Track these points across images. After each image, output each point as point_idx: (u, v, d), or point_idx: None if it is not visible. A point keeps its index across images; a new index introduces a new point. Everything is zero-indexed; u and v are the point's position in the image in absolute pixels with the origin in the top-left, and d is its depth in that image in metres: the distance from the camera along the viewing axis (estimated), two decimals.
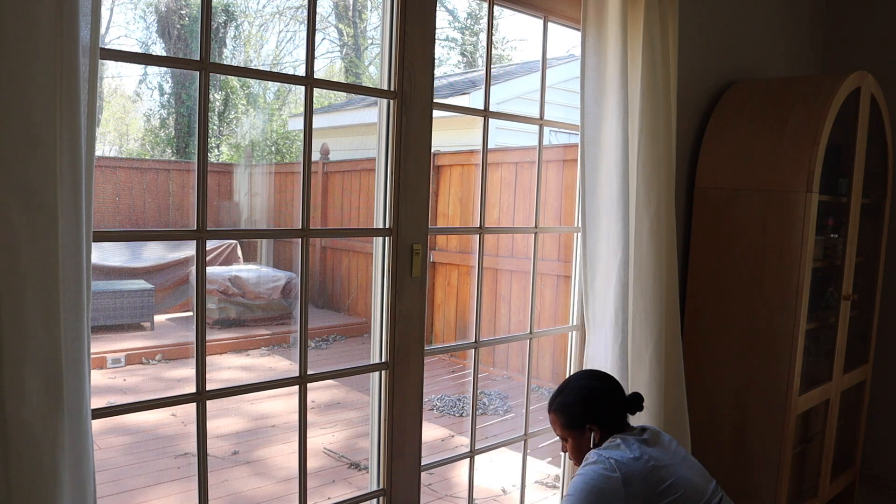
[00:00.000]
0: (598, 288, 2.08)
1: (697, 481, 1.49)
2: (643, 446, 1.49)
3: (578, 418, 1.61)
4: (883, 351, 3.01)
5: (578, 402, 1.63)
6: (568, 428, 1.62)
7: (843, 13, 3.17)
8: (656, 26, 2.03)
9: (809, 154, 2.25)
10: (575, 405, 1.63)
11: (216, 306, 6.45)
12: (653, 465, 1.44)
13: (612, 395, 1.63)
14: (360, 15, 15.24)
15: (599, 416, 1.60)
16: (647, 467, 1.43)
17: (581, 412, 1.61)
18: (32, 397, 1.03)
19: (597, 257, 2.07)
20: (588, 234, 2.07)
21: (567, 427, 1.62)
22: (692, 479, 1.48)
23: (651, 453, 1.47)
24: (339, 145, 8.09)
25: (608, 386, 1.66)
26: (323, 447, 3.91)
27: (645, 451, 1.47)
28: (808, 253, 2.26)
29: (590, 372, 1.74)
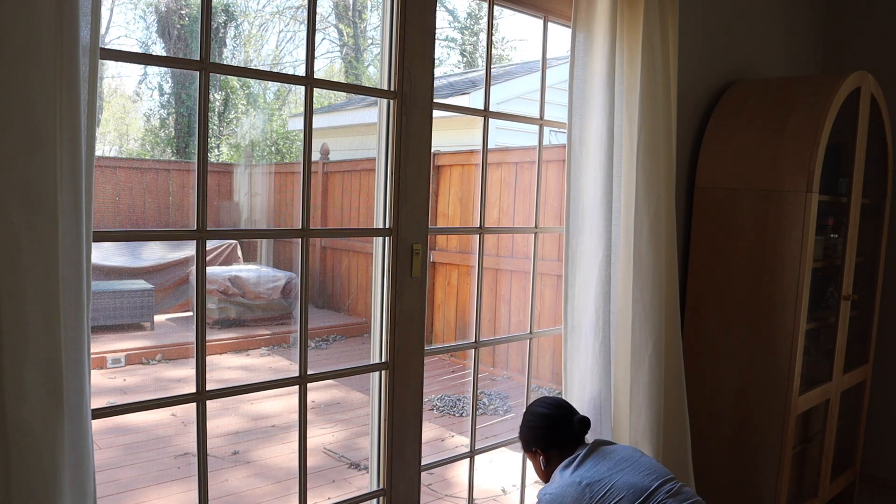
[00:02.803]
0: (579, 287, 2.07)
1: (637, 480, 1.59)
2: (577, 469, 1.65)
3: (527, 443, 1.81)
4: (883, 351, 3.01)
5: (527, 427, 1.82)
6: (524, 450, 1.85)
7: (843, 13, 3.17)
8: (656, 26, 2.03)
9: (809, 154, 2.25)
10: (523, 430, 1.83)
11: (216, 306, 6.45)
12: (585, 484, 1.59)
13: (553, 421, 1.78)
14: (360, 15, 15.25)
15: (541, 441, 1.78)
16: (579, 489, 1.58)
17: (529, 437, 1.81)
18: (32, 397, 1.03)
19: (579, 256, 2.07)
20: (571, 233, 2.07)
21: (524, 449, 1.84)
22: (630, 481, 1.58)
23: (584, 474, 1.62)
24: (339, 145, 8.09)
25: (551, 413, 1.80)
26: (323, 447, 3.91)
27: (577, 474, 1.63)
28: (808, 253, 2.26)
29: (540, 400, 1.88)
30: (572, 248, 2.07)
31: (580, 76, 1.99)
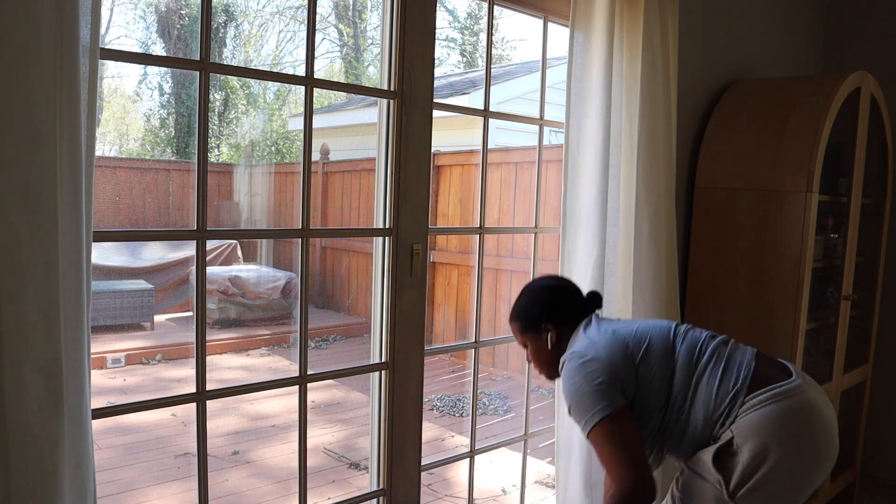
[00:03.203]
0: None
1: (656, 322, 1.54)
2: (595, 324, 1.54)
3: (534, 319, 1.60)
4: (883, 351, 3.01)
5: (533, 302, 1.63)
6: (525, 331, 1.61)
7: (843, 13, 3.17)
8: (656, 26, 2.03)
9: (809, 154, 2.25)
10: (530, 306, 1.62)
11: (216, 306, 6.45)
12: (612, 330, 1.49)
13: (565, 293, 1.62)
14: (360, 15, 15.24)
15: (554, 315, 1.59)
16: (612, 336, 1.47)
17: (536, 312, 1.60)
18: (32, 397, 1.03)
19: (574, 257, 2.07)
20: (567, 233, 2.07)
21: (524, 331, 1.61)
22: (651, 323, 1.53)
23: (604, 324, 1.54)
24: (339, 145, 8.09)
25: (562, 285, 1.65)
26: (323, 447, 3.91)
27: (600, 325, 1.53)
28: (808, 253, 2.26)
29: (545, 275, 1.74)
30: (568, 249, 2.07)
31: (578, 76, 1.99)
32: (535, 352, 1.61)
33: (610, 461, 1.33)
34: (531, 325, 1.59)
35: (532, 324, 1.60)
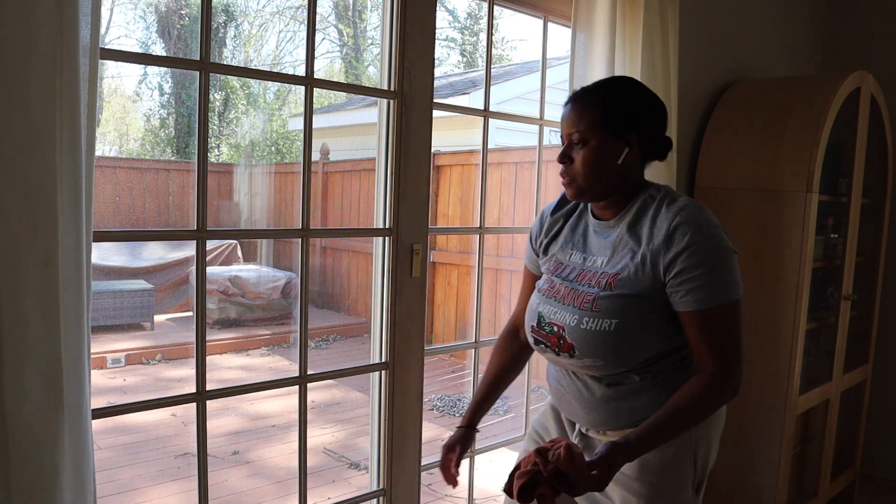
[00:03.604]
0: None
1: None
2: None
3: (625, 119, 1.21)
4: (883, 351, 3.01)
5: (633, 100, 1.24)
6: (600, 126, 1.20)
7: (843, 13, 3.17)
8: (656, 26, 2.03)
9: (809, 154, 2.25)
10: (627, 101, 1.23)
11: (216, 306, 6.45)
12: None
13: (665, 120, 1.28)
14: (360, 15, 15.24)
15: (649, 131, 1.24)
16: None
17: (631, 113, 1.22)
18: (32, 397, 1.03)
19: None
20: None
21: (599, 124, 1.20)
22: None
23: None
24: (339, 145, 8.09)
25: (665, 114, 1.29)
26: (323, 447, 3.91)
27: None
28: (808, 253, 2.26)
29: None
30: None
31: (580, 76, 1.99)
32: (593, 155, 1.20)
33: (735, 342, 1.21)
34: (614, 124, 1.20)
35: (617, 123, 1.20)
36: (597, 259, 1.26)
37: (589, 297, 1.21)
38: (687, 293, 1.15)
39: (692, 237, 1.14)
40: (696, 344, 1.19)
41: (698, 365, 1.19)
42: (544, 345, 1.28)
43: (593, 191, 1.23)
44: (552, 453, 1.04)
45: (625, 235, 1.23)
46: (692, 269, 1.13)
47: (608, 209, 1.27)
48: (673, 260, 1.14)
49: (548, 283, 1.32)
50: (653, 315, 1.18)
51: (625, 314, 1.17)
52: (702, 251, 1.14)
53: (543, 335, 1.28)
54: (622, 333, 1.17)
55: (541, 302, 1.30)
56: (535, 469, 1.04)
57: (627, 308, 1.17)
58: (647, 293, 1.17)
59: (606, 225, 1.27)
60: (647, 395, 1.24)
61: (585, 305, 1.21)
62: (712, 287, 1.15)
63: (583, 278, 1.25)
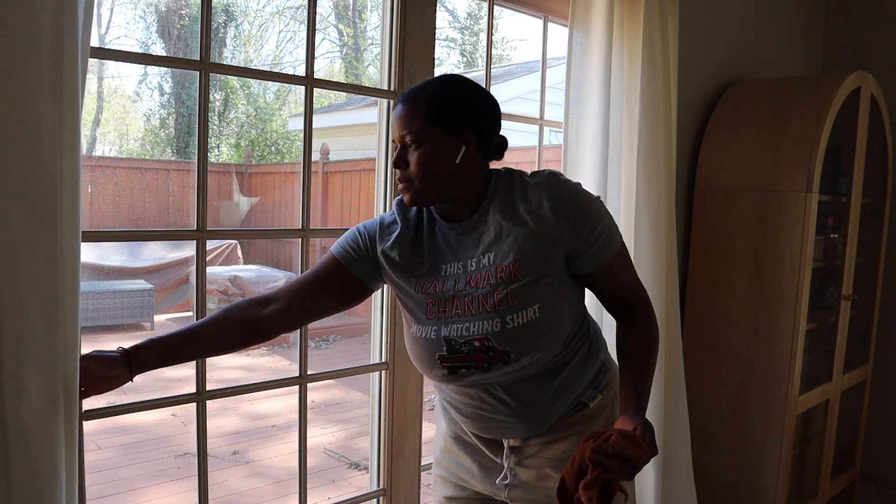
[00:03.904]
0: None
1: None
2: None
3: (458, 118, 1.15)
4: (883, 351, 3.01)
5: (462, 97, 1.17)
6: (432, 125, 1.14)
7: (843, 13, 3.17)
8: (656, 26, 2.03)
9: (809, 154, 2.25)
10: (457, 99, 1.17)
11: (216, 306, 6.45)
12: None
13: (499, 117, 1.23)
14: (360, 15, 15.24)
15: (483, 128, 1.19)
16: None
17: (464, 111, 1.16)
18: (32, 397, 1.03)
19: None
20: None
21: (431, 123, 1.14)
22: None
23: None
24: (339, 145, 8.09)
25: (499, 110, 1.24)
26: (323, 447, 3.91)
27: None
28: (808, 253, 2.26)
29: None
30: None
31: (577, 76, 1.99)
32: (428, 156, 1.13)
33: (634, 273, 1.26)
34: (447, 122, 1.14)
35: (450, 120, 1.15)
36: (480, 258, 1.18)
37: (500, 295, 1.14)
38: (597, 252, 1.17)
39: (577, 204, 1.16)
40: (614, 291, 1.24)
41: (621, 308, 1.25)
42: (465, 367, 1.16)
43: (432, 194, 1.16)
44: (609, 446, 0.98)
45: (503, 224, 1.17)
46: (591, 230, 1.16)
47: (464, 209, 1.20)
48: (574, 229, 1.15)
49: (435, 305, 1.19)
50: (563, 287, 1.18)
51: (542, 296, 1.14)
52: (589, 211, 1.17)
53: (462, 358, 1.16)
54: (547, 315, 1.15)
55: (439, 327, 1.17)
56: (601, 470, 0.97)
57: (542, 289, 1.14)
58: (552, 269, 1.16)
59: (469, 224, 1.20)
60: (577, 373, 1.24)
61: (501, 305, 1.14)
62: (610, 237, 1.19)
63: (478, 282, 1.17)
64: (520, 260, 1.14)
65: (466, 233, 1.20)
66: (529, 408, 1.22)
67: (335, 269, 1.27)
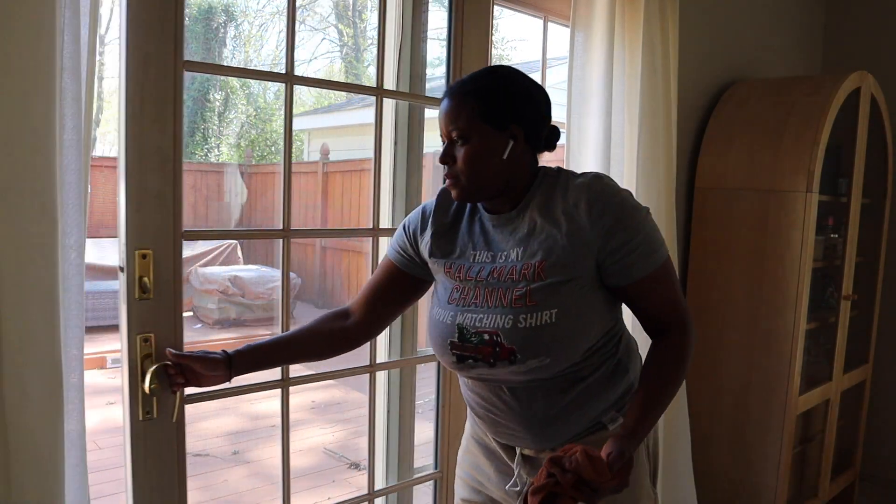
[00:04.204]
0: None
1: None
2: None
3: (505, 112, 1.13)
4: (883, 351, 3.01)
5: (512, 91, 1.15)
6: (481, 121, 1.12)
7: (843, 13, 3.17)
8: (656, 26, 2.03)
9: (809, 154, 2.25)
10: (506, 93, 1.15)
11: (216, 306, 6.45)
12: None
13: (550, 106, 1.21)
14: (360, 15, 15.23)
15: (531, 123, 1.16)
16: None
17: (512, 105, 1.14)
18: (32, 397, 1.03)
19: None
20: None
21: (480, 119, 1.12)
22: None
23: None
24: (339, 145, 8.09)
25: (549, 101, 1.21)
26: (323, 447, 3.91)
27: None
28: (808, 253, 2.27)
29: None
30: None
31: (579, 76, 1.99)
32: (476, 153, 1.13)
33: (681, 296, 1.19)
34: (494, 117, 1.13)
35: (497, 115, 1.13)
36: (510, 253, 1.15)
37: (519, 292, 1.11)
38: (631, 264, 1.11)
39: (616, 208, 1.10)
40: (646, 310, 1.17)
41: (654, 328, 1.18)
42: (473, 359, 1.14)
43: (480, 190, 1.16)
44: (568, 460, 0.96)
45: (538, 221, 1.14)
46: (628, 239, 1.10)
47: (506, 202, 1.18)
48: (607, 235, 1.09)
49: (458, 292, 1.18)
50: (589, 296, 1.12)
51: (563, 301, 1.09)
52: (630, 218, 1.11)
53: (471, 348, 1.14)
54: (564, 322, 1.09)
55: (456, 313, 1.16)
56: (552, 481, 0.95)
57: (564, 294, 1.09)
58: (579, 274, 1.10)
59: (507, 217, 1.18)
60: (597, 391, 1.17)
61: (518, 302, 1.10)
62: (651, 251, 1.12)
63: (502, 275, 1.14)
64: (546, 259, 1.11)
65: (503, 225, 1.18)
66: (536, 417, 1.17)
67: (393, 272, 1.32)
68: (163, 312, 1.26)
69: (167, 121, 1.23)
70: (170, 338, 1.27)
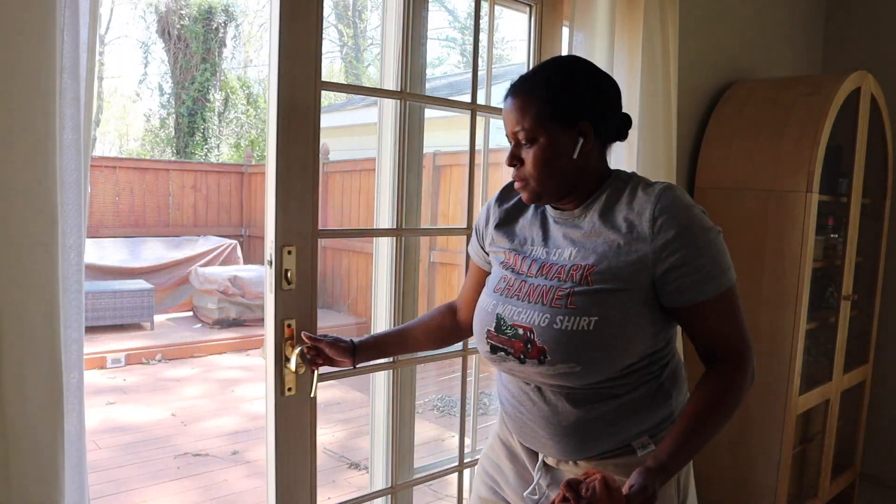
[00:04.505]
0: None
1: None
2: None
3: (573, 109, 1.07)
4: (883, 351, 3.01)
5: (578, 84, 1.09)
6: (548, 120, 1.07)
7: (843, 13, 3.17)
8: (656, 26, 2.03)
9: (809, 154, 2.25)
10: (579, 89, 1.08)
11: (216, 306, 6.45)
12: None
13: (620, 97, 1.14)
14: (360, 15, 15.23)
15: (601, 116, 1.10)
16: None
17: (580, 101, 1.08)
18: (32, 397, 1.03)
19: None
20: None
21: (547, 118, 1.07)
22: None
23: None
24: (339, 145, 8.09)
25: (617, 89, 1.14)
26: (323, 447, 3.91)
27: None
28: (808, 253, 2.27)
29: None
30: None
31: None
32: (544, 154, 1.07)
33: (744, 327, 1.12)
34: (562, 116, 1.07)
35: (566, 113, 1.07)
36: (563, 251, 1.11)
37: (562, 292, 1.06)
38: (687, 286, 1.04)
39: (681, 224, 1.03)
40: (702, 337, 1.10)
41: (707, 356, 1.12)
42: (504, 352, 1.12)
43: (550, 192, 1.11)
44: (585, 487, 0.91)
45: (597, 224, 1.09)
46: (689, 260, 1.03)
47: (572, 200, 1.14)
48: (666, 251, 1.03)
49: (504, 281, 1.16)
50: (636, 311, 1.05)
51: (606, 310, 1.03)
52: (694, 237, 1.03)
53: (505, 340, 1.11)
54: (602, 332, 1.03)
55: (498, 303, 1.14)
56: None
57: (608, 303, 1.04)
58: (630, 286, 1.04)
59: (570, 215, 1.14)
60: (631, 411, 1.10)
61: (558, 302, 1.06)
62: (714, 274, 1.05)
63: (550, 272, 1.10)
64: (597, 265, 1.06)
65: (564, 223, 1.15)
66: (562, 425, 1.11)
67: (479, 272, 1.34)
68: (302, 301, 1.45)
69: (308, 134, 1.41)
70: (307, 323, 1.46)
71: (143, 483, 3.39)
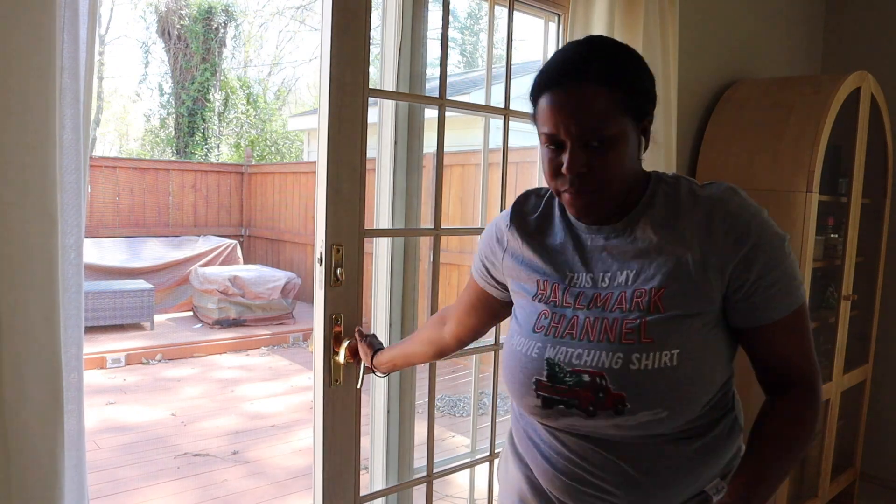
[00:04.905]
0: None
1: None
2: None
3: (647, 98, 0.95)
4: (883, 351, 3.01)
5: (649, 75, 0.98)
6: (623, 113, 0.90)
7: (843, 13, 3.17)
8: (656, 26, 2.03)
9: (809, 154, 2.25)
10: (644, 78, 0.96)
11: (216, 306, 6.45)
12: None
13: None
14: None
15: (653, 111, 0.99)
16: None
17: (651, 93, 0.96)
18: (32, 397, 1.03)
19: None
20: None
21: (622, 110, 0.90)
22: None
23: None
24: None
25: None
26: None
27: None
28: (808, 253, 2.27)
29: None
30: None
31: None
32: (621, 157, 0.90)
33: (809, 347, 0.96)
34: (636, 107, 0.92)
35: (640, 103, 0.93)
36: (616, 275, 0.93)
37: (630, 325, 0.89)
38: (762, 304, 0.91)
39: (756, 233, 0.90)
40: (772, 361, 0.97)
41: (773, 382, 0.99)
42: (565, 404, 0.91)
43: (615, 202, 0.93)
44: None
45: (654, 238, 0.92)
46: (765, 272, 0.89)
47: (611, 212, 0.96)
48: (742, 265, 0.89)
49: (546, 318, 0.96)
50: (713, 336, 0.92)
51: (685, 339, 0.88)
52: (769, 247, 0.90)
53: (565, 391, 0.91)
54: (687, 367, 0.88)
55: (545, 345, 0.94)
56: None
57: (687, 331, 0.89)
58: (706, 309, 0.90)
59: (612, 229, 0.96)
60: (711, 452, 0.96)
61: (630, 337, 0.88)
62: (788, 290, 0.91)
63: (607, 303, 0.92)
64: (666, 287, 0.89)
65: (606, 240, 0.96)
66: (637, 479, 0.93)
67: (479, 293, 1.19)
68: (350, 296, 1.50)
69: (356, 138, 1.44)
70: (354, 318, 1.51)
71: (142, 483, 3.39)
